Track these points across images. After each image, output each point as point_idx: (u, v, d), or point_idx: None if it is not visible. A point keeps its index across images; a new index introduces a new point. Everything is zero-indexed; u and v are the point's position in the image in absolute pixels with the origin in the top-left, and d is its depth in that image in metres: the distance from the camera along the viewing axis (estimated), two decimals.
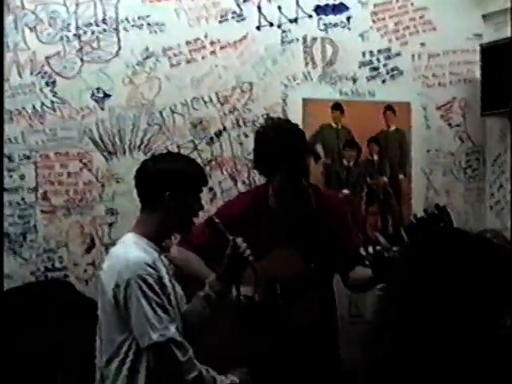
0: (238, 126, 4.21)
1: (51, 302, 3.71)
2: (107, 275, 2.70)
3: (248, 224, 3.14)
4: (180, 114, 4.15)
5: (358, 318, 4.41)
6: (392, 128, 4.48)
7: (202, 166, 3.17)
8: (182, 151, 4.05)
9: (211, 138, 4.20)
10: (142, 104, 4.10)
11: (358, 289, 3.61)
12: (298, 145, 3.25)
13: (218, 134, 4.20)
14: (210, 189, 4.06)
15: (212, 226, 2.91)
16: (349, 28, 4.39)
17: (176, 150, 4.08)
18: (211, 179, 3.98)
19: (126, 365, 2.66)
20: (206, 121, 4.18)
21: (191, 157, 3.53)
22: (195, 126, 4.17)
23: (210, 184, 3.93)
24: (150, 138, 4.10)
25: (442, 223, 3.10)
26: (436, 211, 3.14)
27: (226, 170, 4.21)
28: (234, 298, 2.91)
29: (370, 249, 3.08)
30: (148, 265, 2.62)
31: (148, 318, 2.58)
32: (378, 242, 3.09)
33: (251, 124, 4.15)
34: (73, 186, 4.02)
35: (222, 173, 4.21)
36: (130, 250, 2.68)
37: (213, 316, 2.84)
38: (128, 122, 4.08)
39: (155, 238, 2.76)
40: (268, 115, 4.19)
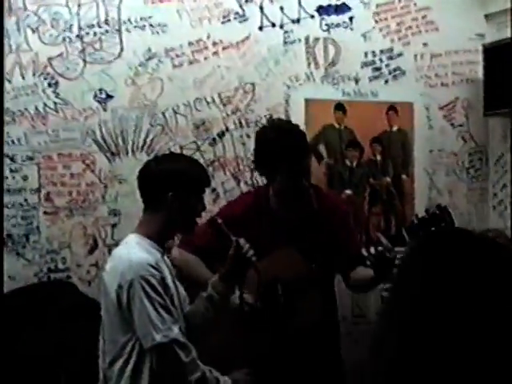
0: (241, 126, 4.21)
1: (54, 303, 3.71)
2: (110, 276, 2.70)
3: (249, 224, 3.13)
4: (183, 115, 4.15)
5: (360, 318, 4.42)
6: (395, 128, 4.48)
7: (204, 166, 3.18)
8: (185, 152, 4.05)
9: (214, 139, 4.19)
10: (144, 105, 4.10)
11: (359, 289, 3.63)
12: (298, 145, 3.24)
13: (221, 135, 4.20)
14: (213, 189, 4.06)
15: (215, 226, 2.91)
16: (351, 28, 4.38)
17: (179, 150, 4.07)
18: (214, 180, 3.98)
19: (129, 366, 2.66)
20: (208, 121, 4.18)
21: (194, 157, 3.53)
22: (198, 127, 4.17)
23: (213, 184, 3.94)
24: (153, 139, 4.10)
25: (443, 223, 3.11)
26: (437, 211, 3.15)
27: (229, 170, 4.20)
28: (237, 300, 2.92)
29: (372, 249, 3.11)
30: (151, 265, 2.62)
31: (151, 319, 2.58)
32: (379, 242, 3.11)
33: (254, 124, 4.15)
34: (76, 187, 4.02)
35: (225, 173, 4.20)
36: (133, 250, 2.69)
37: (216, 317, 2.84)
38: (131, 123, 4.08)
39: (158, 238, 2.76)
40: (271, 116, 4.19)
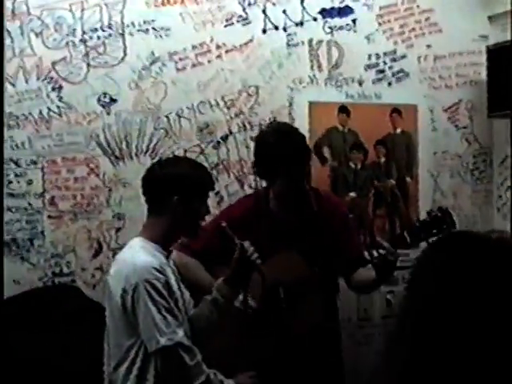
0: (245, 129, 4.21)
1: (59, 306, 3.71)
2: (115, 280, 2.71)
3: (249, 227, 3.12)
4: (186, 118, 4.15)
5: (365, 321, 4.41)
6: (398, 130, 4.47)
7: (208, 169, 3.18)
8: (189, 155, 4.04)
9: (218, 142, 4.19)
10: (148, 108, 4.10)
11: (361, 290, 3.66)
12: (298, 148, 3.24)
13: (225, 138, 4.20)
14: (217, 192, 4.06)
15: (218, 229, 2.91)
16: (354, 31, 4.38)
17: (183, 154, 4.07)
18: (218, 183, 3.98)
19: (134, 369, 2.66)
20: (212, 125, 4.18)
21: (198, 161, 3.53)
22: (202, 130, 4.17)
23: (217, 188, 3.92)
24: (157, 143, 4.10)
25: (444, 225, 3.12)
26: (439, 213, 3.16)
27: (233, 173, 4.20)
28: (240, 303, 2.92)
29: (375, 252, 3.13)
30: (155, 269, 2.63)
31: (156, 323, 2.59)
32: (381, 245, 3.13)
33: (258, 127, 4.13)
34: (80, 190, 4.02)
35: (229, 176, 4.20)
36: (137, 254, 2.69)
37: (220, 320, 2.84)
38: (134, 127, 4.08)
39: (162, 242, 2.76)
40: (274, 119, 4.19)
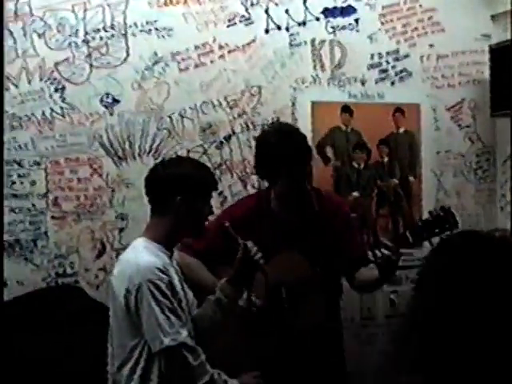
0: (248, 129, 4.21)
1: (62, 307, 3.71)
2: (118, 280, 2.71)
3: (251, 228, 3.10)
4: (189, 119, 4.15)
5: (369, 320, 4.41)
6: (401, 130, 4.47)
7: (211, 169, 3.18)
8: (192, 155, 4.04)
9: (221, 142, 4.19)
10: (151, 109, 4.10)
11: (364, 289, 3.67)
12: (299, 149, 3.24)
13: (228, 138, 4.20)
14: (220, 192, 4.06)
15: (222, 229, 2.91)
16: (357, 30, 4.37)
17: (185, 154, 4.07)
18: (221, 183, 3.99)
19: (137, 370, 2.66)
20: (215, 125, 4.18)
21: (201, 161, 3.53)
22: (204, 130, 4.17)
23: (220, 188, 3.94)
24: (160, 143, 4.10)
25: (447, 225, 3.12)
26: (441, 213, 3.16)
27: (236, 173, 4.20)
28: (244, 302, 2.91)
29: (378, 253, 3.13)
30: (159, 269, 2.62)
31: (159, 323, 2.58)
32: (384, 245, 3.13)
33: (260, 127, 4.13)
34: (83, 191, 4.02)
35: (232, 176, 4.20)
36: (141, 254, 2.69)
37: (224, 320, 2.84)
38: (137, 127, 4.08)
39: (166, 242, 2.76)
40: (277, 119, 4.19)
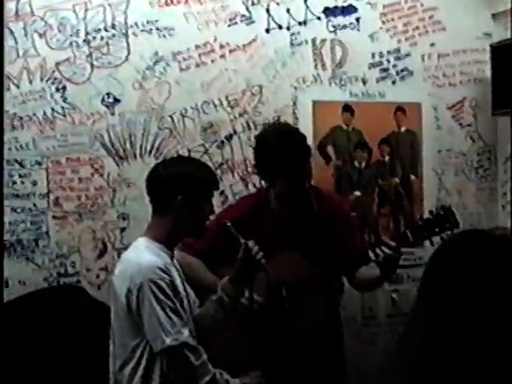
0: (249, 128, 4.20)
1: (64, 307, 3.71)
2: (119, 280, 2.71)
3: (250, 227, 3.08)
4: (190, 118, 4.15)
5: (370, 319, 4.41)
6: (403, 129, 4.47)
7: (212, 169, 3.18)
8: (193, 155, 4.05)
9: (222, 142, 4.19)
10: (152, 108, 4.10)
11: (364, 288, 3.67)
12: (299, 148, 3.24)
13: (229, 138, 4.20)
14: (221, 192, 4.06)
15: (223, 229, 2.91)
16: (358, 29, 4.37)
17: (187, 153, 4.07)
18: (222, 182, 3.99)
19: (139, 369, 2.66)
20: (216, 124, 4.18)
21: (202, 160, 3.53)
22: (206, 130, 4.17)
23: (221, 187, 3.94)
24: (161, 143, 4.10)
25: (447, 224, 3.13)
26: (441, 212, 3.17)
27: (237, 173, 4.20)
28: (246, 301, 2.91)
29: (379, 252, 3.14)
30: (160, 269, 2.62)
31: (161, 322, 2.58)
32: (385, 244, 3.14)
33: (261, 127, 4.14)
34: (84, 191, 4.02)
35: (233, 176, 4.20)
36: (142, 254, 2.69)
37: (225, 319, 2.84)
38: (138, 127, 4.08)
39: (167, 241, 2.76)
40: (278, 118, 4.19)
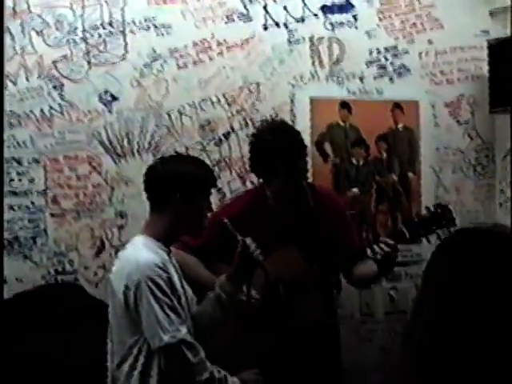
0: (246, 126, 4.20)
1: (62, 304, 3.71)
2: (117, 277, 2.71)
3: (247, 224, 3.08)
4: (188, 116, 4.15)
5: (368, 317, 4.41)
6: (400, 126, 4.47)
7: (210, 166, 3.18)
8: (191, 152, 4.05)
9: (219, 139, 4.19)
10: (149, 106, 4.10)
11: (361, 285, 3.67)
12: (295, 146, 3.24)
13: (226, 135, 4.20)
14: (219, 189, 4.06)
15: (221, 226, 2.91)
16: (355, 27, 4.37)
17: (184, 151, 4.07)
18: (220, 180, 3.99)
19: (137, 367, 2.66)
20: (213, 122, 4.18)
21: (200, 158, 3.53)
22: (203, 127, 4.17)
23: (219, 185, 3.94)
24: (159, 140, 4.10)
25: (444, 221, 3.14)
26: (438, 210, 3.18)
27: (235, 170, 4.20)
28: (244, 298, 2.91)
29: (378, 249, 3.14)
30: (158, 266, 2.62)
31: (158, 320, 2.58)
32: (384, 242, 3.14)
33: (259, 124, 4.14)
34: (82, 189, 4.02)
35: (231, 173, 4.20)
36: (140, 251, 2.69)
37: (223, 317, 2.84)
38: (136, 125, 4.08)
39: (164, 239, 2.76)
40: (276, 115, 4.19)
